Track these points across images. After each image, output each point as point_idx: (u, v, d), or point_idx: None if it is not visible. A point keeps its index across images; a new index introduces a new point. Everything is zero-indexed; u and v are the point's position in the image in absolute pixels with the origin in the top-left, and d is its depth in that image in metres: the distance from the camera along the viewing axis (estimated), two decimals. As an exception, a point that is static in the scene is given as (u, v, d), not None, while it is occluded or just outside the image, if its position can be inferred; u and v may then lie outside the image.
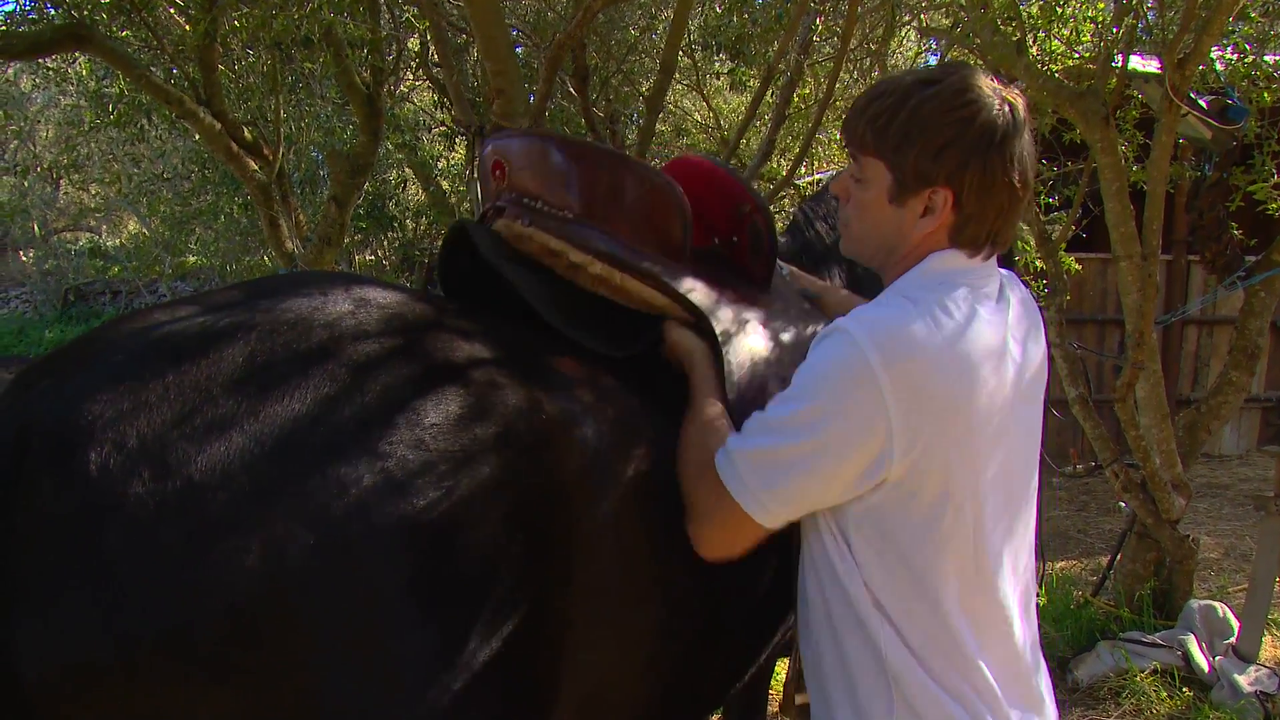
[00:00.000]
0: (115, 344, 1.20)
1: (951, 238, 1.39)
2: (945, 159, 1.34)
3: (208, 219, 9.24)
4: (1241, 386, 4.47)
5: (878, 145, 1.40)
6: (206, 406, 1.13)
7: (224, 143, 4.97)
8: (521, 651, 1.30)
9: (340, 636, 1.13)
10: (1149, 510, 4.21)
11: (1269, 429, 8.46)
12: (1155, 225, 3.71)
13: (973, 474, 1.33)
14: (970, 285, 1.38)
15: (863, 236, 1.49)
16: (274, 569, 1.08)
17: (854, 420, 1.29)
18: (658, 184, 1.77)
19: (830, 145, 8.34)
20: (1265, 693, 3.66)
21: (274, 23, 4.18)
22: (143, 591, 1.04)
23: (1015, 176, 1.35)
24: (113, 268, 14.89)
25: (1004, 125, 1.34)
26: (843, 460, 1.31)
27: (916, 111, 1.35)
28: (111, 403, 1.09)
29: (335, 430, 1.18)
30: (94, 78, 7.12)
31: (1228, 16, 3.21)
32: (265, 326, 1.25)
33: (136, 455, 1.07)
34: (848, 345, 1.30)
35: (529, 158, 1.85)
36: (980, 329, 1.32)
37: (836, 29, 5.20)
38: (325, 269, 5.28)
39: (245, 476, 1.10)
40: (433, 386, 1.30)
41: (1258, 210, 4.14)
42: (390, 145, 8.01)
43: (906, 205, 1.39)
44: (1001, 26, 3.86)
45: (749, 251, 1.93)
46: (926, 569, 1.34)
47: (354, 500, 1.14)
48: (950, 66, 1.42)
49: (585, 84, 5.67)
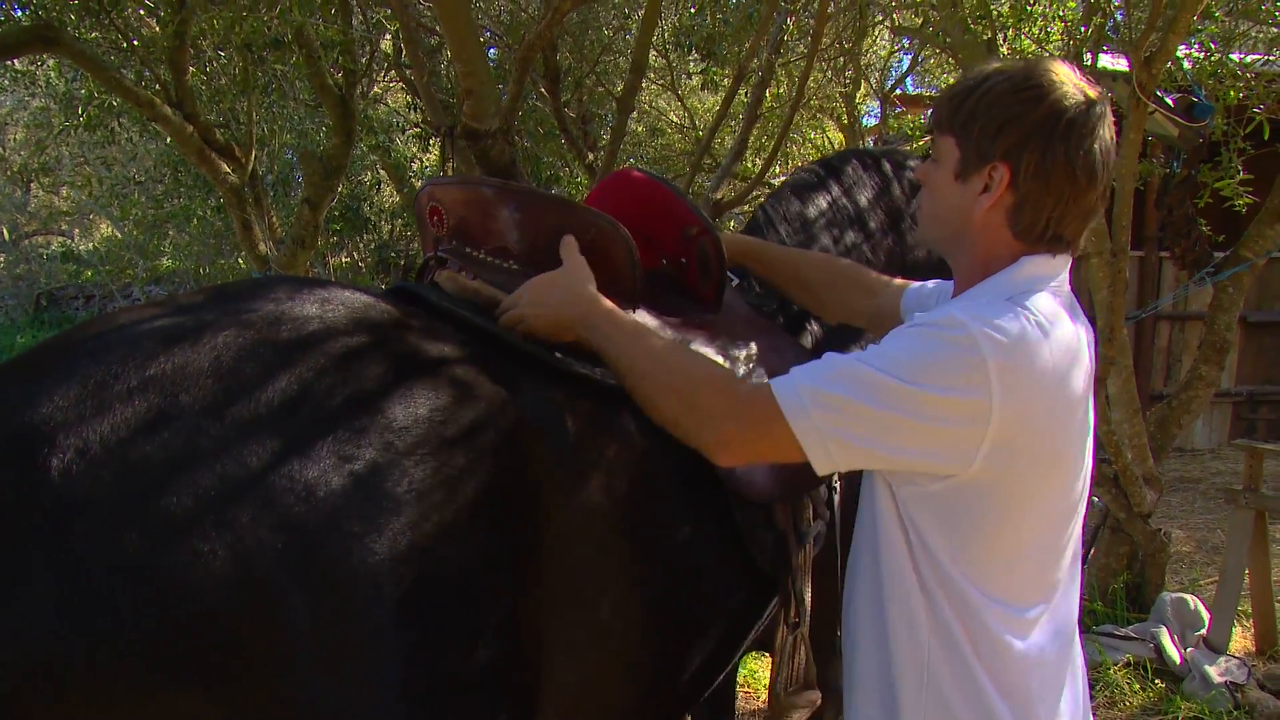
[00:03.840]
0: (79, 346, 1.19)
1: (1010, 221, 1.39)
2: (1006, 135, 1.36)
3: (180, 222, 9.16)
4: (1211, 381, 4.51)
5: (950, 122, 1.43)
6: (171, 409, 1.12)
7: (196, 145, 4.93)
8: (500, 651, 1.29)
9: (314, 641, 1.11)
10: (1121, 504, 4.25)
11: (1240, 423, 8.54)
12: (1124, 222, 3.75)
13: (1043, 481, 1.35)
14: (1056, 293, 1.39)
15: (932, 216, 1.50)
16: (241, 572, 1.07)
17: (954, 419, 1.28)
18: (603, 227, 1.73)
19: (803, 144, 8.37)
20: (1235, 683, 3.70)
21: (244, 24, 4.16)
22: (108, 594, 1.03)
23: (1078, 168, 1.34)
24: (85, 272, 14.74)
25: (1073, 114, 1.34)
26: (930, 450, 1.30)
27: (988, 91, 1.38)
28: (74, 406, 1.09)
29: (302, 432, 1.17)
30: (63, 80, 7.07)
31: (1192, 16, 3.24)
32: (231, 329, 1.24)
33: (99, 458, 1.06)
34: (965, 340, 1.28)
35: (467, 206, 1.80)
36: (1072, 339, 1.35)
37: (809, 28, 5.22)
38: (299, 272, 5.25)
39: (210, 479, 1.09)
40: (401, 388, 1.29)
41: (1225, 206, 4.18)
42: (364, 147, 7.97)
43: (970, 182, 1.41)
44: (972, 25, 3.89)
45: (697, 274, 1.93)
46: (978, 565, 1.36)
47: (322, 502, 1.13)
48: (1039, 59, 1.43)
49: (557, 85, 5.67)
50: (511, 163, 3.20)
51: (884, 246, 2.39)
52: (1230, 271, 4.36)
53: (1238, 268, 4.35)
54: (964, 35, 3.86)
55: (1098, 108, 1.36)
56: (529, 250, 1.74)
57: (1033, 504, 1.36)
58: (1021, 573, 1.39)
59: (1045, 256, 1.41)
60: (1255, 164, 4.18)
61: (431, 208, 1.82)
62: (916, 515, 1.39)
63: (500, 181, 1.96)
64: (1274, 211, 4.23)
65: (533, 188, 2.20)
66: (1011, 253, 1.41)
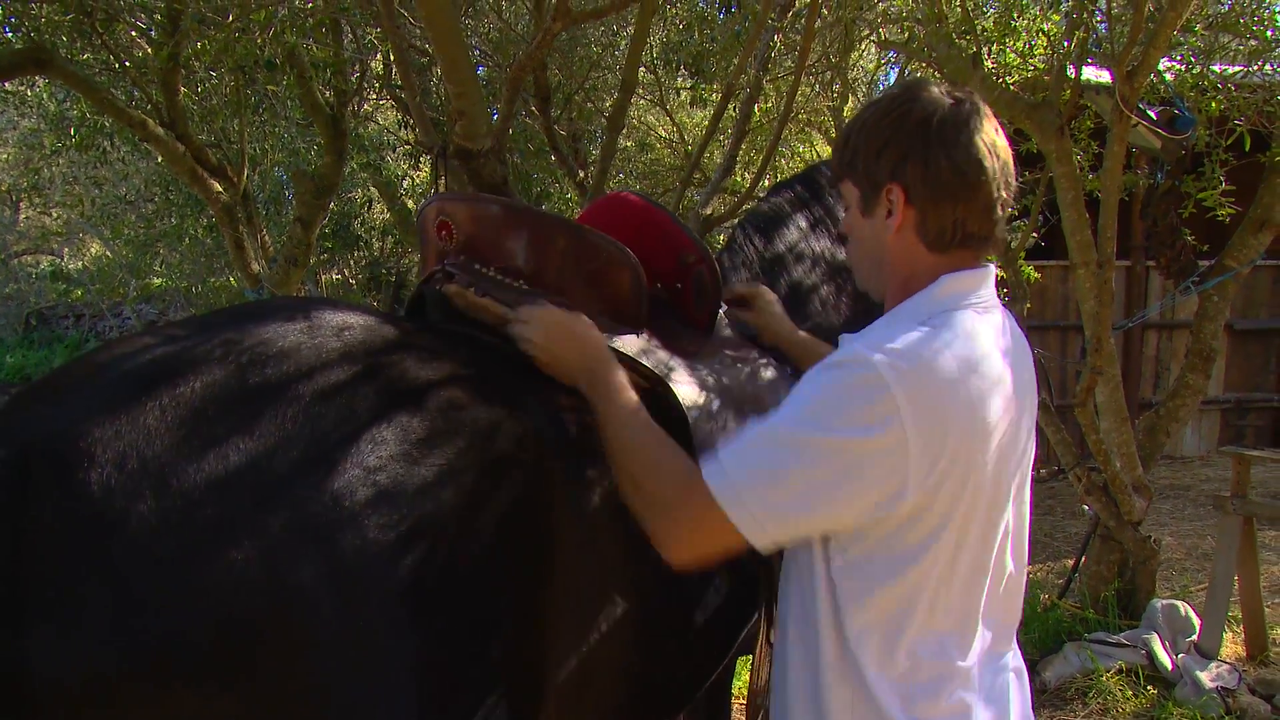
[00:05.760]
0: (106, 367, 1.24)
1: (920, 236, 1.40)
2: (886, 156, 1.39)
3: (172, 241, 9.18)
4: (1198, 389, 4.56)
5: (842, 166, 1.47)
6: (202, 426, 1.17)
7: (188, 165, 4.96)
8: (510, 653, 1.36)
9: (340, 643, 1.17)
10: (1111, 512, 4.29)
11: (1229, 430, 8.60)
12: (1109, 233, 3.79)
13: (972, 499, 1.32)
14: (974, 308, 1.39)
15: (858, 261, 1.52)
16: (273, 578, 1.13)
17: (874, 451, 1.25)
18: (613, 253, 1.76)
19: (792, 158, 8.42)
20: (1226, 688, 3.73)
21: (237, 47, 4.19)
22: (150, 601, 1.08)
23: (962, 164, 1.35)
24: (75, 291, 14.72)
25: (941, 116, 1.36)
26: (859, 494, 1.27)
27: (863, 125, 1.43)
28: (109, 424, 1.13)
29: (327, 445, 1.22)
30: (54, 100, 7.09)
31: (1173, 30, 3.29)
32: (254, 348, 1.29)
33: (137, 473, 1.11)
34: (865, 370, 1.26)
35: (478, 223, 1.82)
36: (987, 351, 1.33)
37: (796, 44, 5.27)
38: (292, 289, 5.28)
39: (242, 491, 1.14)
40: (413, 403, 1.35)
41: (1208, 217, 4.24)
42: (355, 165, 8.01)
43: (875, 213, 1.43)
44: (957, 40, 3.94)
45: (693, 300, 1.96)
46: (904, 592, 1.34)
47: (347, 511, 1.19)
48: (907, 82, 1.47)
49: (547, 104, 5.71)
50: (503, 181, 3.23)
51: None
52: (1215, 280, 4.41)
53: (1222, 276, 4.40)
54: (949, 50, 3.91)
55: (966, 105, 1.38)
56: (538, 270, 1.77)
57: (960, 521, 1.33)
58: (940, 598, 1.36)
59: (965, 273, 1.41)
60: (1237, 174, 4.23)
61: (441, 222, 1.84)
62: (841, 584, 1.36)
63: (511, 200, 1.98)
64: (1256, 221, 4.28)
65: (543, 210, 2.22)
66: (931, 271, 1.41)
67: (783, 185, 2.55)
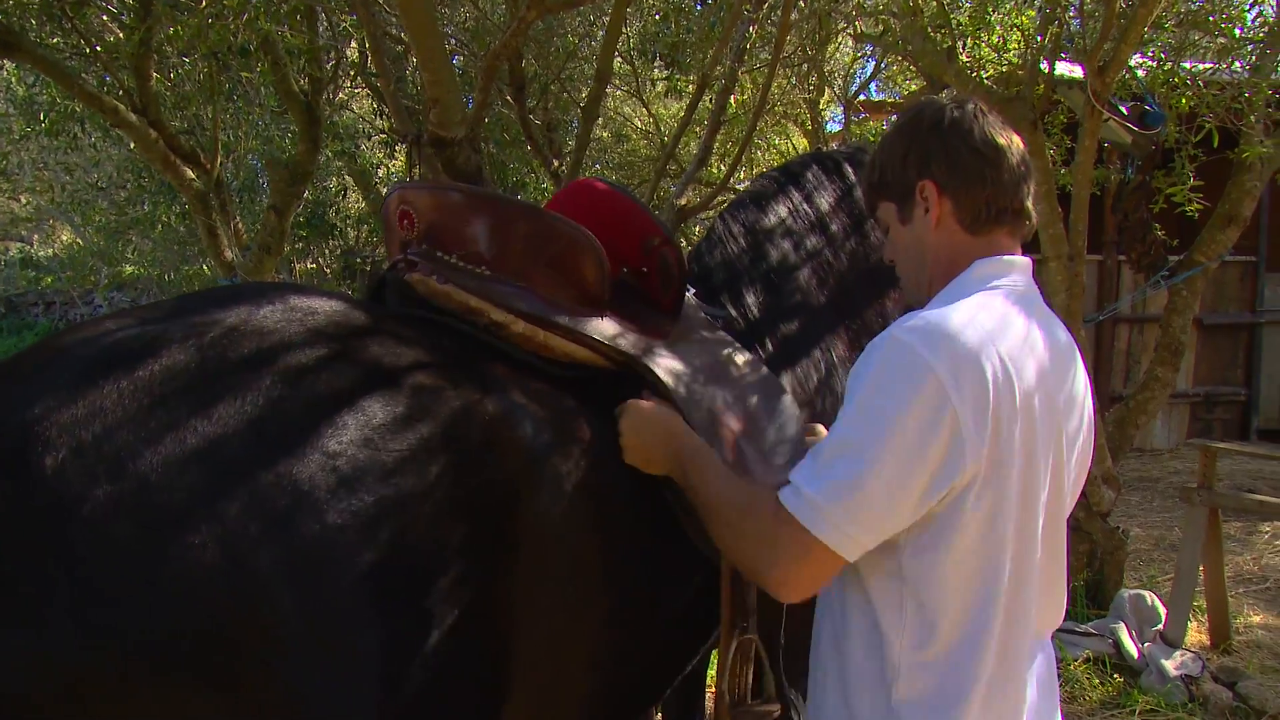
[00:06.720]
0: (65, 351, 1.22)
1: (960, 223, 1.50)
2: (912, 160, 1.52)
3: (144, 228, 9.09)
4: (1167, 382, 4.61)
5: (875, 191, 1.61)
6: (159, 410, 1.16)
7: (161, 152, 4.91)
8: (476, 640, 1.35)
9: (299, 630, 1.16)
10: (1080, 503, 4.33)
11: (1197, 423, 8.69)
12: (1080, 227, 3.83)
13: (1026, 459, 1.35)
14: (1004, 290, 1.45)
15: (905, 270, 1.60)
16: (232, 565, 1.11)
17: (923, 416, 1.29)
18: (574, 236, 1.77)
19: (768, 150, 8.44)
20: (1190, 676, 3.78)
21: (210, 32, 4.15)
22: (106, 588, 1.06)
23: (980, 146, 1.46)
24: (46, 278, 14.57)
25: (950, 113, 1.50)
26: (920, 461, 1.30)
27: (882, 149, 1.58)
28: (65, 408, 1.12)
29: (285, 430, 1.22)
30: (22, 85, 7.00)
31: (1144, 26, 3.33)
32: (214, 333, 1.28)
33: (92, 457, 1.09)
34: (897, 348, 1.33)
35: (439, 211, 1.82)
36: (1014, 320, 1.39)
37: (772, 36, 5.28)
38: (265, 277, 5.24)
39: (200, 476, 1.13)
40: (380, 387, 1.34)
41: (1178, 212, 4.28)
42: (330, 153, 7.95)
43: (914, 217, 1.54)
44: (932, 34, 3.96)
45: (659, 283, 1.97)
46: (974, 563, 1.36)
47: (306, 497, 1.18)
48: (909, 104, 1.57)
49: (522, 93, 5.69)
50: (478, 170, 3.22)
51: (846, 249, 2.39)
52: (1184, 275, 4.46)
53: (1191, 271, 4.45)
54: (924, 43, 3.93)
55: (970, 105, 1.52)
56: (500, 256, 1.77)
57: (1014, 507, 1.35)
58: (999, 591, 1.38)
59: (996, 258, 1.48)
60: (1206, 170, 4.27)
61: (402, 211, 1.84)
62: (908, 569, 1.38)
63: (471, 188, 1.98)
64: (1225, 216, 4.33)
65: (504, 195, 2.21)
66: (968, 255, 1.50)
67: (763, 177, 2.55)
